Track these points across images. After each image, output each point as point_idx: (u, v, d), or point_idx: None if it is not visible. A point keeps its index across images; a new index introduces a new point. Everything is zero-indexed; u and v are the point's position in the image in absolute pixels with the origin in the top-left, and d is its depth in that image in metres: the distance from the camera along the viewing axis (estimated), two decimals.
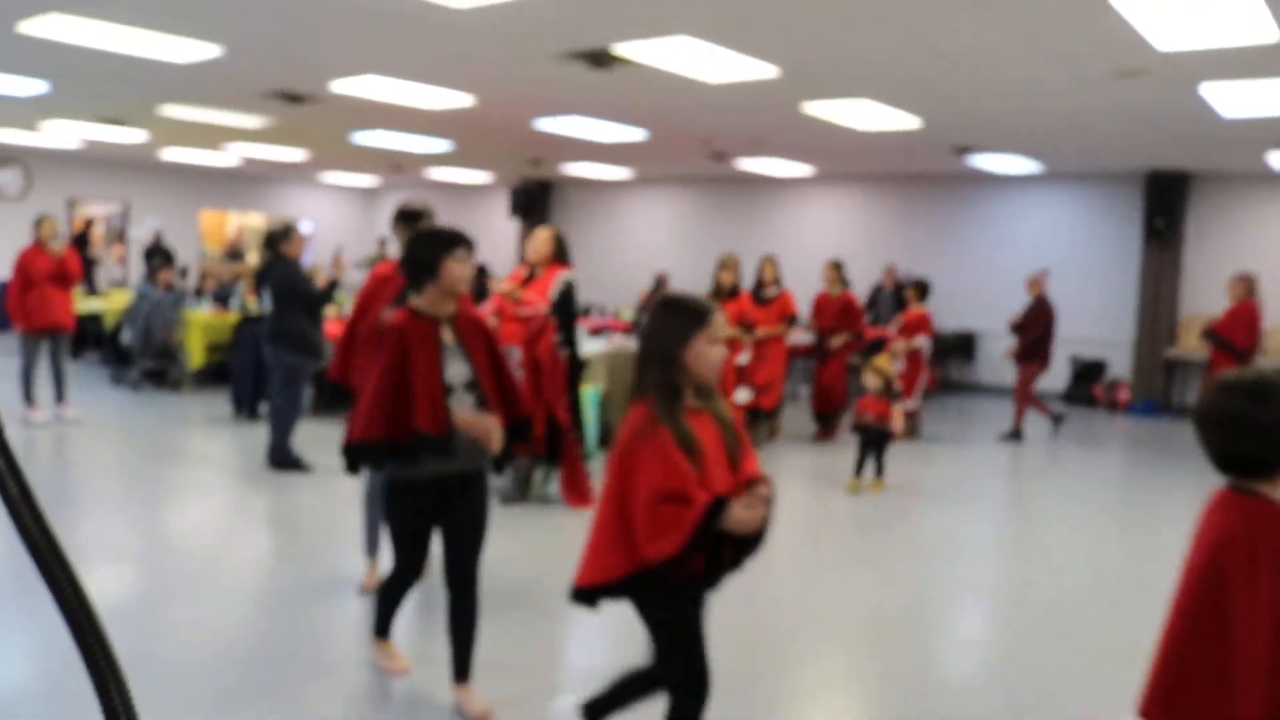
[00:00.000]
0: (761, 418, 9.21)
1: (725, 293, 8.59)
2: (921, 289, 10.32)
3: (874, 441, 7.58)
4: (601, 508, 2.69)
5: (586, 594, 2.72)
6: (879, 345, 11.06)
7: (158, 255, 15.56)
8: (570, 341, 6.50)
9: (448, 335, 3.47)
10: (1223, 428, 2.13)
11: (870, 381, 7.54)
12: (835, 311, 9.84)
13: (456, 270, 3.42)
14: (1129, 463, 9.58)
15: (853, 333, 9.78)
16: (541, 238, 6.56)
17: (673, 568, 2.54)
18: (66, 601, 0.65)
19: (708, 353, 2.68)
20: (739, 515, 2.54)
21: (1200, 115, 8.34)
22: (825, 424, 9.88)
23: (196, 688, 3.75)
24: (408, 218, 4.73)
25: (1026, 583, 5.64)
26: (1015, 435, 10.30)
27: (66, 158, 16.76)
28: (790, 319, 9.21)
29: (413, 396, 3.33)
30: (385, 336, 3.37)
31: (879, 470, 7.68)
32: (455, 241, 3.44)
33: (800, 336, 10.91)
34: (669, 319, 2.73)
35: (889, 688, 4.11)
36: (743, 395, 8.75)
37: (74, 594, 0.65)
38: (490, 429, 3.40)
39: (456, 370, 3.45)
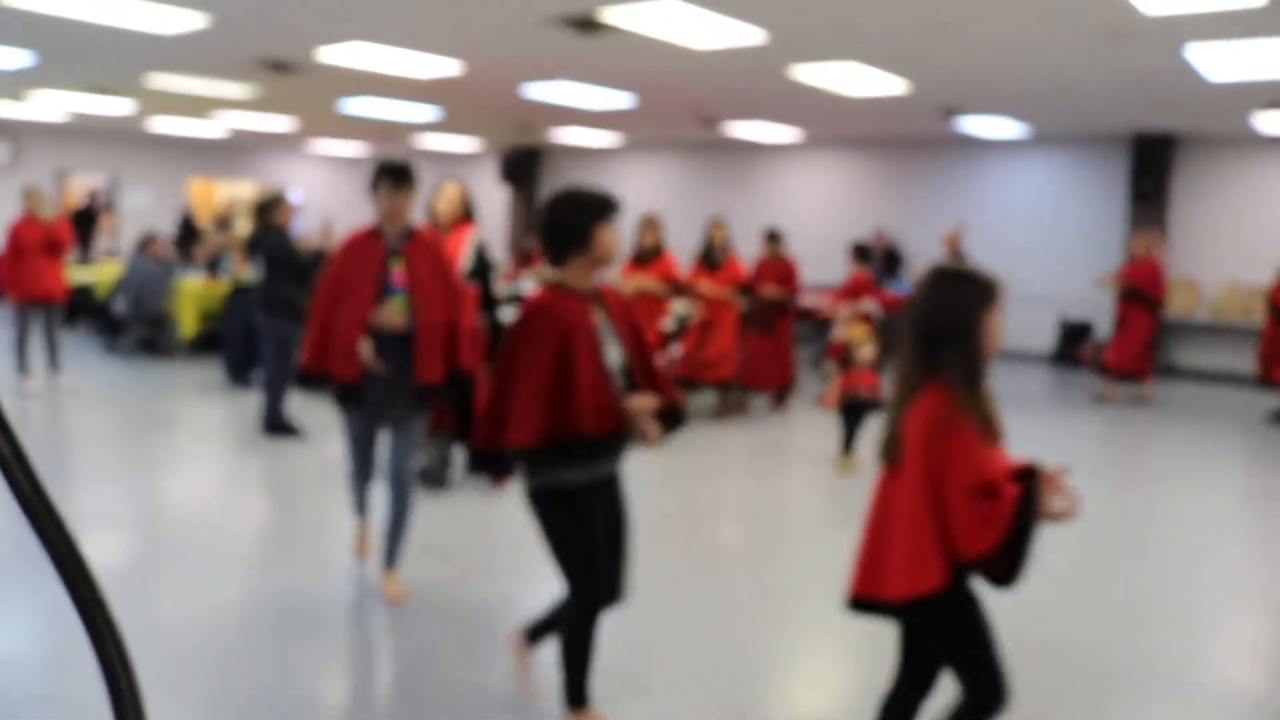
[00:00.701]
0: (731, 390, 8.89)
1: (647, 255, 7.91)
2: (861, 252, 9.89)
3: (862, 416, 7.13)
4: (905, 507, 2.41)
5: (906, 608, 2.46)
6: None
7: (187, 232, 15.53)
8: (490, 307, 5.96)
9: (598, 314, 3.08)
10: None
11: (864, 354, 7.19)
12: (777, 275, 9.25)
13: (610, 239, 3.02)
14: (1115, 422, 9.68)
15: (788, 293, 9.20)
16: (449, 193, 5.83)
17: (990, 568, 2.37)
18: (61, 559, 0.64)
19: (998, 327, 2.45)
20: (1058, 505, 2.33)
21: (1186, 78, 8.38)
22: (779, 398, 9.37)
23: (194, 651, 3.82)
24: (395, 174, 4.20)
25: None
26: None
27: (54, 129, 16.69)
28: (742, 287, 8.63)
29: (576, 392, 2.90)
30: (539, 319, 2.95)
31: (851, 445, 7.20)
32: (608, 206, 3.04)
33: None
34: (957, 291, 2.46)
35: (880, 643, 4.20)
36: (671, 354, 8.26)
37: (69, 552, 0.64)
38: (648, 411, 3.00)
39: (610, 354, 3.05)
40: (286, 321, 7.48)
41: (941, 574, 2.37)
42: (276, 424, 7.49)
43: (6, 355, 9.56)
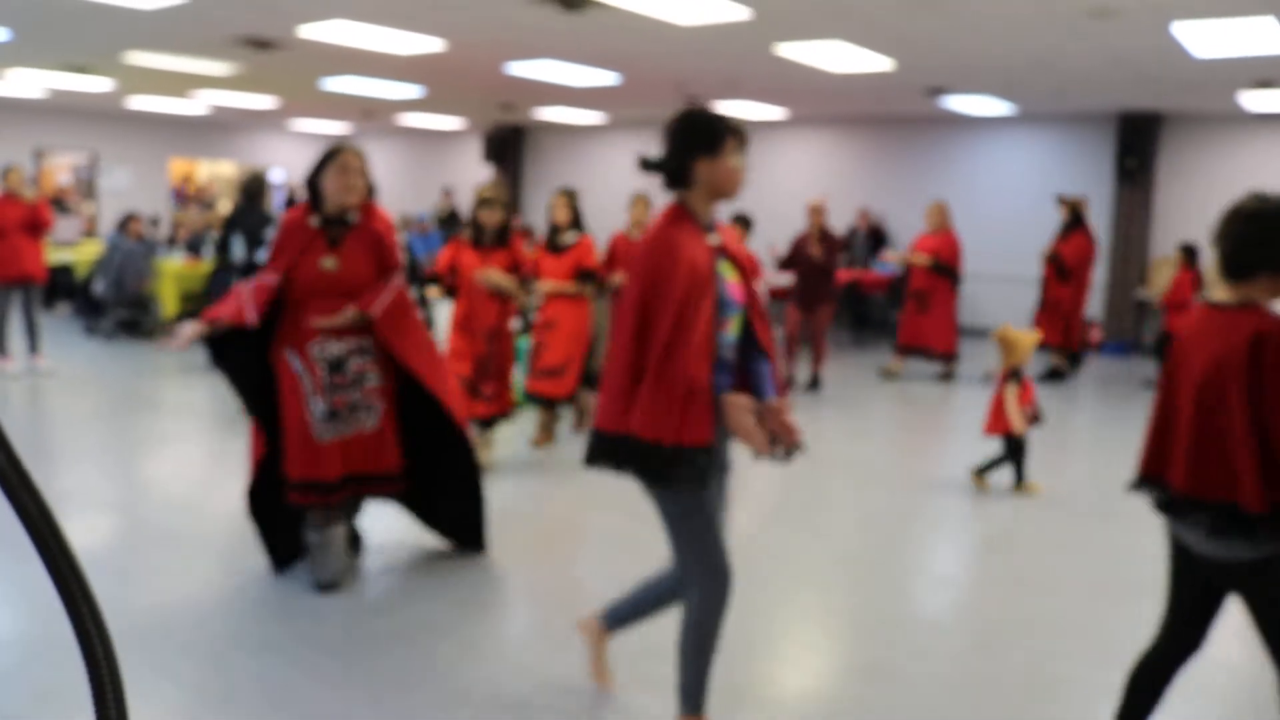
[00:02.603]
0: (554, 406, 6.88)
1: (490, 237, 6.04)
2: (743, 222, 8.66)
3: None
4: None
5: None
6: (855, 291, 10.75)
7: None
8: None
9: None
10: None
11: (1027, 364, 6.14)
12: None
13: None
14: (1101, 403, 9.71)
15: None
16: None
17: None
18: (43, 540, 0.64)
19: None
20: None
21: (1172, 55, 8.37)
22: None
23: (178, 634, 3.79)
24: (740, 130, 3.02)
25: (997, 521, 5.74)
26: (815, 384, 9.34)
27: (32, 107, 16.50)
28: (587, 275, 6.70)
29: None
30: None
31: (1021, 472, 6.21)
32: None
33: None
34: None
35: (860, 624, 4.21)
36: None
37: (50, 533, 0.64)
38: None
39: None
40: None
41: None
42: None
43: None
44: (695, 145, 2.91)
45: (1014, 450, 6.07)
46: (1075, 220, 9.95)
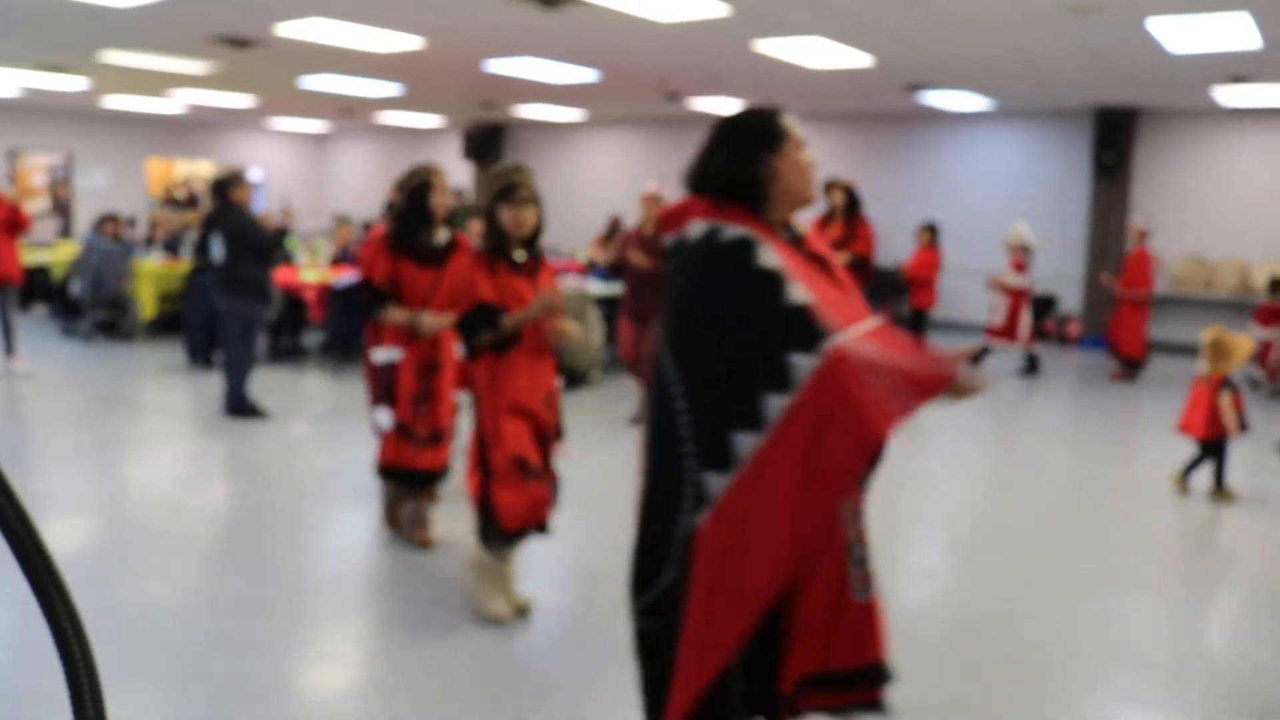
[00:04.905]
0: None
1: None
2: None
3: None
4: None
5: None
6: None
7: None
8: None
9: None
10: None
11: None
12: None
13: None
14: (1079, 395, 9.77)
15: None
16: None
17: None
18: (17, 542, 0.63)
19: None
20: None
21: (1148, 51, 8.42)
22: None
23: (162, 635, 3.77)
24: None
25: (978, 513, 5.77)
26: None
27: (6, 107, 16.37)
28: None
29: None
30: None
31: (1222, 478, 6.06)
32: None
33: None
34: None
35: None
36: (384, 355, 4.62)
37: (25, 534, 0.63)
38: None
39: None
40: (249, 301, 7.38)
41: None
42: (240, 406, 7.40)
43: None
44: None
45: (1216, 452, 5.96)
46: (853, 205, 9.30)
